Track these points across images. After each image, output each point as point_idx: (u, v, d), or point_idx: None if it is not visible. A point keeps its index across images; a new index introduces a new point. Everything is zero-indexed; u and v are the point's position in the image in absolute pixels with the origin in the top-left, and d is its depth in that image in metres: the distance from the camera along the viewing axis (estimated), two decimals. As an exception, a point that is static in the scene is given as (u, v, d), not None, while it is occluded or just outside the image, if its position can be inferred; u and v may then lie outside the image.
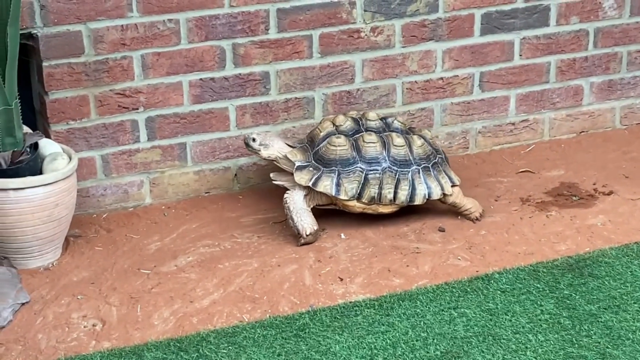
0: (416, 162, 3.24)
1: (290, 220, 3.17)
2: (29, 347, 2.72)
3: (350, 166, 3.19)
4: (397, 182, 3.20)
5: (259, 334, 2.75)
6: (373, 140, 3.22)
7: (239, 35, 3.37)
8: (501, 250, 3.15)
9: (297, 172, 3.19)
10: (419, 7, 3.55)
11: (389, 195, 3.20)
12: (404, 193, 3.21)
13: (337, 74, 3.54)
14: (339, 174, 3.17)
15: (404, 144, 3.24)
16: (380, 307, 2.86)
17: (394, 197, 3.21)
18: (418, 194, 3.22)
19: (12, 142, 3.01)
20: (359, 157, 3.20)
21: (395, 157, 3.22)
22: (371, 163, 3.20)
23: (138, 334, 2.76)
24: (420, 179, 3.23)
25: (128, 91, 3.30)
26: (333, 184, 3.17)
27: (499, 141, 3.84)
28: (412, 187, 3.22)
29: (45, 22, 3.14)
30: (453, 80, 3.69)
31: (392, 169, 3.20)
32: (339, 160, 3.19)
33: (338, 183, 3.17)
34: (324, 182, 3.17)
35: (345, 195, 3.17)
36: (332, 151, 3.20)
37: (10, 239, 3.01)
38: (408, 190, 3.21)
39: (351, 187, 3.17)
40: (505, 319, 2.80)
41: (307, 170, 3.19)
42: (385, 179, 3.19)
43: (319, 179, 3.17)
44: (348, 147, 3.20)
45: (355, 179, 3.18)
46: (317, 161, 3.20)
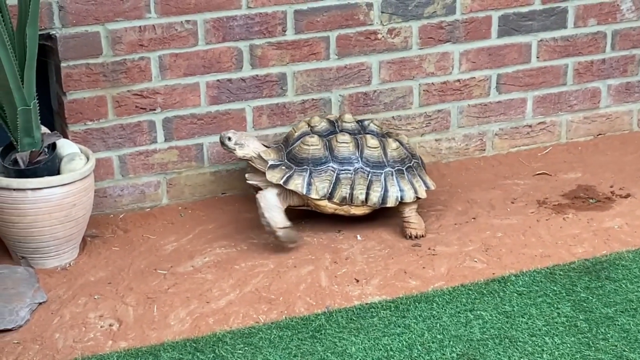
0: (390, 165, 3.22)
1: (262, 218, 3.13)
2: (46, 346, 2.73)
3: (322, 165, 3.17)
4: (370, 184, 3.18)
5: (274, 334, 2.76)
6: (346, 140, 3.21)
7: (256, 37, 3.37)
8: (518, 252, 3.14)
9: (269, 171, 3.17)
10: (436, 9, 3.55)
11: (361, 196, 3.18)
12: (376, 195, 3.19)
13: (354, 75, 3.54)
14: (310, 173, 3.16)
15: (378, 146, 3.22)
16: (397, 309, 2.85)
17: (366, 199, 3.19)
18: (390, 196, 3.20)
19: (30, 142, 3.03)
20: (331, 157, 3.18)
21: (369, 158, 3.20)
22: (343, 163, 3.18)
23: (154, 334, 2.77)
24: (393, 181, 3.20)
25: (145, 92, 3.32)
26: (304, 182, 3.15)
27: (516, 143, 3.83)
28: (385, 189, 3.19)
29: (64, 23, 3.16)
30: (470, 82, 3.69)
31: (364, 170, 3.18)
32: (311, 159, 3.18)
33: (309, 182, 3.15)
34: (295, 180, 3.15)
35: (317, 194, 3.16)
36: (305, 150, 3.18)
37: (28, 239, 3.03)
38: (380, 192, 3.19)
39: (322, 187, 3.16)
40: (521, 321, 2.79)
41: (279, 168, 3.18)
42: (357, 180, 3.17)
43: (291, 177, 3.15)
44: (321, 147, 3.19)
45: (326, 178, 3.16)
46: (290, 160, 3.19)
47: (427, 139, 3.71)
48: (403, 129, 3.66)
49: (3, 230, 3.05)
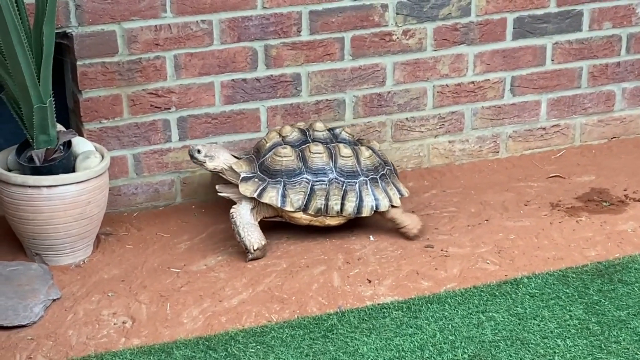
0: (364, 174, 3.18)
1: (237, 236, 3.09)
2: (59, 342, 2.74)
3: (296, 177, 3.12)
4: (344, 194, 3.14)
5: (287, 334, 2.76)
6: (320, 150, 3.16)
7: (271, 37, 3.38)
8: (530, 254, 3.14)
9: (242, 183, 3.11)
10: (451, 11, 3.55)
11: (336, 207, 3.14)
12: (351, 205, 3.15)
13: (368, 76, 3.54)
14: (284, 185, 3.10)
15: (351, 155, 3.18)
16: (409, 310, 2.86)
17: (341, 209, 3.14)
18: (365, 206, 3.16)
19: (46, 139, 3.04)
20: (305, 168, 3.13)
21: (343, 168, 3.16)
22: (317, 174, 3.13)
23: (167, 332, 2.78)
24: (367, 190, 3.16)
25: (160, 91, 3.33)
26: (279, 195, 3.10)
27: (530, 146, 3.83)
28: (360, 199, 3.15)
29: (80, 22, 3.18)
30: (484, 84, 3.69)
31: (339, 180, 3.14)
32: (285, 171, 3.12)
33: (284, 194, 3.10)
34: (270, 193, 3.10)
35: (291, 206, 3.11)
36: (278, 162, 3.13)
37: (43, 236, 3.05)
38: (355, 201, 3.15)
39: (297, 199, 3.11)
40: (533, 323, 2.79)
41: (253, 181, 3.12)
42: (332, 190, 3.13)
43: (264, 190, 3.10)
44: (294, 158, 3.13)
45: (301, 190, 3.11)
46: (262, 172, 3.13)
47: (440, 140, 3.71)
48: (416, 130, 3.66)
49: (18, 227, 3.07)
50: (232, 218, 3.11)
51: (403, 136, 3.66)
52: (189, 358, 2.66)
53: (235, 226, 3.10)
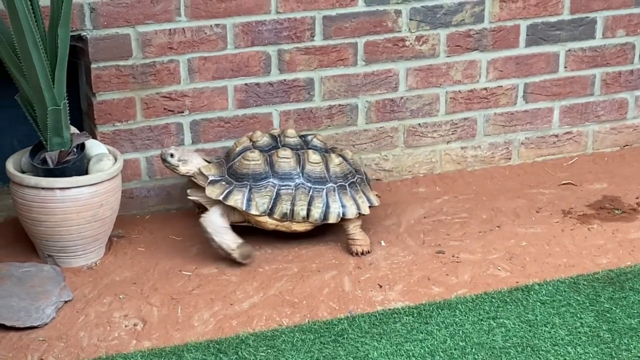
0: (332, 180, 3.15)
1: (212, 243, 3.07)
2: (71, 344, 2.75)
3: (262, 181, 3.10)
4: (311, 199, 3.11)
5: (297, 338, 2.77)
6: (287, 155, 3.14)
7: (285, 42, 3.39)
8: (542, 261, 3.14)
9: (209, 186, 3.10)
10: (464, 17, 3.55)
11: (302, 212, 3.11)
12: (318, 211, 3.12)
13: (381, 82, 3.55)
14: (250, 189, 3.08)
15: (320, 161, 3.15)
16: (419, 315, 2.86)
17: (307, 215, 3.12)
18: (332, 212, 3.13)
19: (59, 142, 3.06)
20: (271, 172, 3.11)
21: (310, 173, 3.13)
22: (284, 179, 3.11)
23: (178, 335, 2.79)
24: (335, 197, 3.13)
25: (174, 94, 3.34)
26: (244, 198, 3.08)
27: (542, 153, 3.83)
28: (326, 205, 3.12)
29: (95, 25, 3.19)
30: (497, 90, 3.69)
31: (305, 186, 3.11)
32: (252, 174, 3.10)
33: (249, 198, 3.08)
34: (235, 196, 3.08)
35: (256, 210, 3.09)
36: (245, 165, 3.11)
37: (55, 238, 3.06)
38: (322, 208, 3.12)
39: (262, 202, 3.09)
40: (544, 330, 2.79)
41: (220, 184, 3.10)
42: (298, 195, 3.11)
43: (230, 193, 3.08)
44: (261, 162, 3.12)
45: (266, 194, 3.09)
46: (230, 176, 3.11)
47: (452, 146, 3.72)
48: (429, 136, 3.67)
49: (31, 229, 3.08)
50: (202, 226, 3.08)
51: (415, 142, 3.67)
52: (199, 361, 2.68)
53: (207, 234, 3.07)
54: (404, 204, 3.52)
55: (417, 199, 3.56)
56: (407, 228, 3.35)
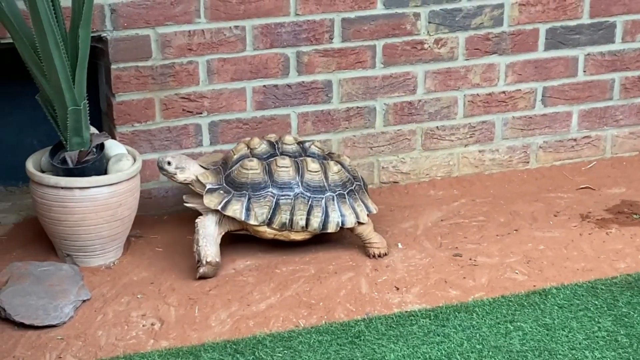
0: (331, 189, 3.12)
1: (195, 244, 3.04)
2: (88, 343, 2.77)
3: (262, 190, 3.06)
4: (310, 209, 3.08)
5: (314, 339, 2.77)
6: (286, 164, 3.10)
7: (304, 44, 3.40)
8: (559, 265, 3.13)
9: (207, 195, 3.06)
10: (483, 21, 3.55)
11: (301, 222, 3.08)
12: (317, 220, 3.09)
13: (399, 84, 3.55)
14: (249, 198, 3.05)
15: (319, 170, 3.12)
16: (436, 318, 2.86)
17: (307, 224, 3.09)
18: (331, 222, 3.11)
19: (79, 142, 3.07)
20: (270, 182, 3.07)
21: (309, 182, 3.10)
22: (283, 188, 3.08)
23: (195, 335, 2.80)
24: (334, 206, 3.11)
25: (193, 96, 3.36)
26: (243, 208, 3.04)
27: (560, 157, 3.82)
28: (326, 214, 3.10)
29: (115, 26, 3.21)
30: (515, 94, 3.68)
31: (304, 195, 3.08)
32: (250, 184, 3.07)
33: (248, 207, 3.05)
34: (234, 206, 3.05)
35: (255, 220, 3.06)
36: (244, 174, 3.08)
37: (74, 237, 3.07)
38: (321, 217, 3.09)
39: (261, 212, 3.05)
40: (562, 334, 2.78)
41: (218, 193, 3.07)
42: (297, 205, 3.07)
43: (229, 202, 3.05)
44: (260, 171, 3.08)
45: (265, 204, 3.06)
46: (228, 184, 3.08)
47: (470, 149, 3.71)
48: (446, 139, 3.67)
49: (50, 228, 3.10)
50: (196, 226, 3.06)
51: (433, 145, 3.67)
52: (216, 361, 2.68)
53: (197, 235, 3.05)
54: (421, 207, 3.52)
55: (434, 201, 3.56)
56: (425, 231, 3.35)
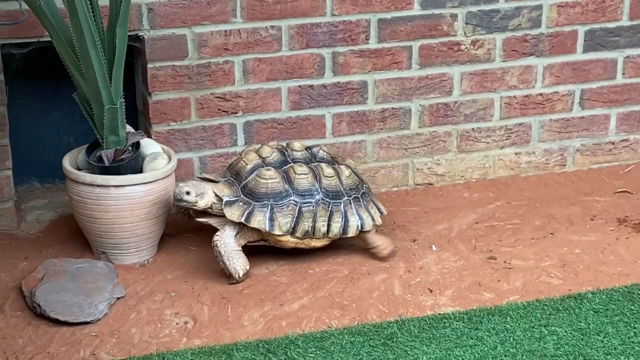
0: (347, 193, 3.09)
1: (222, 263, 2.99)
2: (122, 340, 2.78)
3: (284, 199, 3.00)
4: (331, 214, 3.04)
5: (346, 340, 2.76)
6: (305, 171, 3.05)
7: (339, 44, 3.40)
8: (595, 270, 3.10)
9: (227, 208, 2.97)
10: (521, 22, 3.53)
11: (323, 229, 3.04)
12: (337, 225, 3.06)
13: (435, 85, 3.53)
14: (271, 208, 2.99)
15: (334, 175, 3.08)
16: (470, 321, 2.84)
17: (328, 230, 3.05)
18: (351, 226, 3.07)
19: (115, 140, 3.09)
20: (292, 190, 3.02)
21: (327, 188, 3.05)
22: (304, 195, 3.02)
23: (228, 334, 2.81)
24: (352, 210, 3.08)
25: (228, 95, 3.37)
26: (266, 218, 2.98)
27: (597, 160, 3.78)
28: (345, 219, 3.06)
29: (152, 25, 3.23)
30: (553, 96, 3.65)
31: (325, 201, 3.03)
32: (272, 193, 3.00)
33: (271, 217, 2.98)
34: (257, 217, 2.98)
35: (280, 230, 2.99)
36: (263, 184, 3.00)
37: (109, 235, 3.09)
38: (341, 222, 3.06)
39: (285, 222, 3.00)
40: (597, 339, 2.75)
41: (237, 205, 2.99)
42: (319, 212, 3.03)
43: (251, 214, 2.97)
44: (279, 180, 3.02)
45: (289, 212, 3.00)
46: (247, 195, 3.00)
47: (506, 152, 3.69)
48: (482, 141, 3.64)
49: (85, 225, 3.12)
50: (215, 247, 2.99)
51: (468, 147, 3.65)
52: (248, 360, 2.69)
53: (219, 255, 2.99)
54: (456, 209, 3.50)
55: (469, 204, 3.54)
56: (459, 233, 3.33)
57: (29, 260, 3.15)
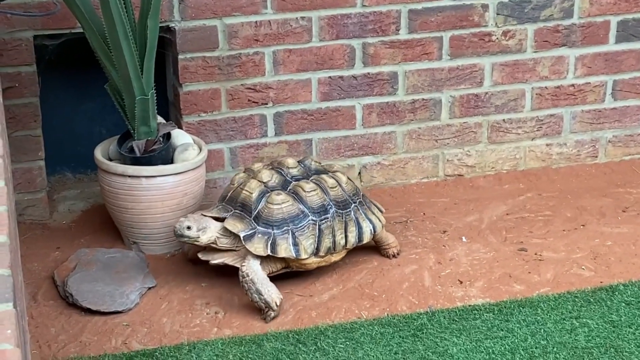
0: (352, 200, 3.01)
1: (256, 295, 2.80)
2: (153, 329, 2.80)
3: (302, 221, 2.89)
4: (345, 225, 2.97)
5: (376, 331, 2.77)
6: (313, 187, 2.94)
7: (370, 35, 3.39)
8: (627, 262, 3.08)
9: (249, 243, 2.82)
10: (553, 12, 3.50)
11: (342, 241, 2.96)
12: (353, 235, 2.98)
13: (466, 76, 3.52)
14: (292, 233, 2.87)
15: (336, 185, 3.00)
16: (500, 312, 2.83)
17: (346, 242, 2.98)
18: (365, 232, 3.01)
19: (146, 131, 3.11)
20: (307, 209, 2.91)
21: (337, 199, 2.97)
22: (320, 212, 2.92)
23: (258, 324, 2.82)
24: (362, 215, 3.01)
25: (258, 86, 3.37)
26: (290, 245, 2.86)
27: (630, 151, 3.75)
28: (358, 226, 2.99)
29: (183, 16, 3.24)
30: (585, 87, 3.62)
31: (339, 213, 2.95)
32: (288, 218, 2.88)
33: (295, 243, 2.87)
34: (282, 245, 2.85)
35: (305, 253, 2.87)
36: (278, 210, 2.87)
37: (140, 225, 3.11)
38: (355, 230, 2.99)
39: (309, 244, 2.89)
40: (628, 331, 2.73)
41: (257, 237, 2.85)
42: (335, 225, 2.94)
43: (275, 243, 2.85)
44: (292, 202, 2.90)
45: (310, 233, 2.89)
46: (263, 225, 2.86)
47: (537, 143, 3.66)
48: (513, 132, 3.62)
49: (117, 216, 3.15)
50: (245, 277, 2.81)
51: (499, 138, 3.63)
52: (278, 350, 2.69)
53: (252, 286, 2.80)
54: (486, 200, 3.49)
55: (499, 195, 3.53)
56: (489, 224, 3.32)
57: (61, 250, 3.18)
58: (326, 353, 2.68)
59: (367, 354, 2.67)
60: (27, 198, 3.31)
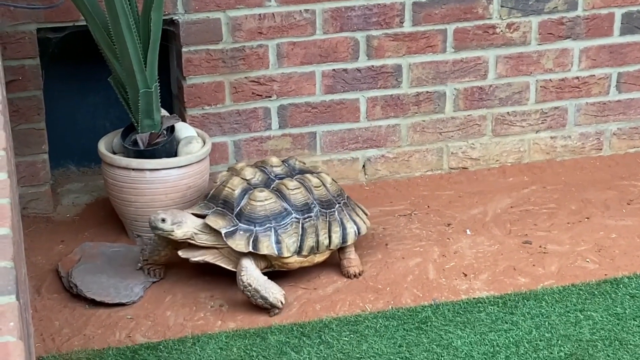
0: (336, 200, 2.97)
1: (259, 299, 2.79)
2: (157, 323, 2.80)
3: (285, 219, 2.85)
4: (329, 225, 2.92)
5: (380, 324, 2.77)
6: (297, 185, 2.90)
7: (374, 28, 3.38)
8: (632, 254, 3.07)
9: (230, 240, 2.78)
10: (557, 5, 3.49)
11: (325, 241, 2.91)
12: (337, 235, 2.92)
13: (470, 69, 3.51)
14: (275, 230, 2.83)
15: (321, 184, 2.96)
16: (504, 305, 2.83)
17: (329, 242, 2.92)
18: (349, 233, 2.95)
19: (150, 124, 3.11)
20: (290, 207, 2.87)
21: (321, 198, 2.93)
22: (303, 211, 2.88)
23: (262, 317, 2.81)
24: (346, 216, 2.96)
25: (262, 79, 3.37)
26: (272, 242, 2.82)
27: (635, 144, 3.74)
28: (343, 227, 2.94)
29: (187, 9, 3.23)
30: (589, 80, 3.62)
31: (322, 212, 2.91)
32: (272, 215, 2.84)
33: (278, 240, 2.83)
34: (264, 242, 2.81)
35: (288, 251, 2.83)
36: (260, 207, 2.83)
37: (144, 218, 3.10)
38: (340, 231, 2.93)
39: (292, 242, 2.84)
40: (633, 324, 2.73)
41: (239, 234, 2.80)
42: (319, 225, 2.89)
43: (257, 240, 2.80)
44: (275, 199, 2.86)
45: (293, 231, 2.85)
46: (245, 222, 2.82)
47: (542, 136, 3.66)
48: (517, 125, 3.61)
49: (121, 209, 3.14)
50: (248, 287, 2.78)
51: (504, 130, 3.62)
52: (283, 344, 2.69)
53: (254, 292, 2.78)
54: (491, 193, 3.48)
55: (504, 188, 3.52)
56: (494, 217, 3.32)
57: (65, 243, 3.18)
58: (330, 346, 2.68)
59: (372, 347, 2.67)
60: (31, 191, 3.31)
